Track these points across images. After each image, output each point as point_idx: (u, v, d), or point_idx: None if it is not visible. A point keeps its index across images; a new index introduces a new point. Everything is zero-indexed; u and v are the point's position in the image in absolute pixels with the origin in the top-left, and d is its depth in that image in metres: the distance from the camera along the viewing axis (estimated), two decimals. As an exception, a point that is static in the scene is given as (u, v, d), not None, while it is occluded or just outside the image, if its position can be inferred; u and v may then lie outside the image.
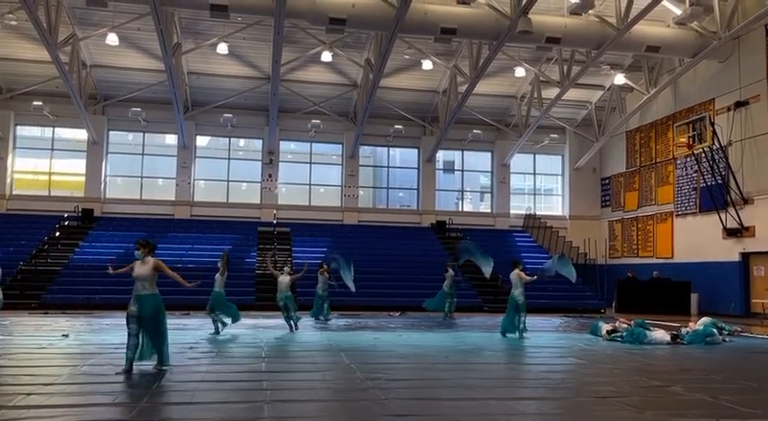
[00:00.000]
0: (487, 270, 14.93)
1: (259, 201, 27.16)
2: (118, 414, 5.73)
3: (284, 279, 13.63)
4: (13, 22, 21.20)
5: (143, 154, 26.91)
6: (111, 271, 8.96)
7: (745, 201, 20.55)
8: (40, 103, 24.35)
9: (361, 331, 13.99)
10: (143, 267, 7.96)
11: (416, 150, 28.67)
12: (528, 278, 13.22)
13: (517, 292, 12.98)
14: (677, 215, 23.87)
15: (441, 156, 29.13)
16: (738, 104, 20.93)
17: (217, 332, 12.64)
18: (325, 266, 17.06)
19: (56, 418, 5.58)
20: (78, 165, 26.25)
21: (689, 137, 20.73)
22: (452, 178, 29.96)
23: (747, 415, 6.05)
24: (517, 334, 12.87)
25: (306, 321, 14.95)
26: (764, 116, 20.05)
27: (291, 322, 13.42)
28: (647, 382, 7.84)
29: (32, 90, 24.15)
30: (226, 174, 27.46)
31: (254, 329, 13.54)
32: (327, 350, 10.47)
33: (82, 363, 8.43)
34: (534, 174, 29.89)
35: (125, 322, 7.82)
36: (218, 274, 13.18)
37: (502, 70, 24.74)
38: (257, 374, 8.14)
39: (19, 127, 25.99)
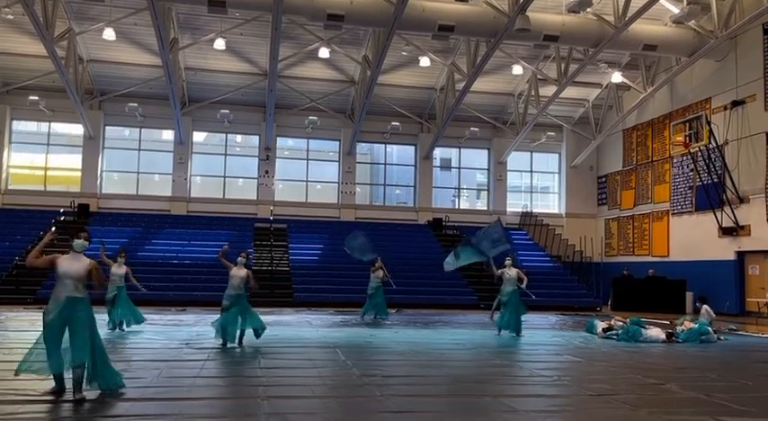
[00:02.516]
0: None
1: (256, 198, 27.12)
2: (114, 408, 5.72)
3: (238, 272, 10.39)
4: (10, 16, 21.08)
5: (139, 149, 26.82)
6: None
7: (741, 200, 20.59)
8: (37, 98, 24.23)
9: (357, 328, 14.01)
10: (77, 263, 6.34)
11: (413, 147, 28.66)
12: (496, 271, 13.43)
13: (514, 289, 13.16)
14: (673, 213, 23.92)
15: (438, 153, 29.11)
16: (735, 103, 20.96)
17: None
18: (378, 264, 16.77)
19: (52, 413, 5.58)
20: (74, 160, 26.16)
21: (685, 135, 20.75)
22: (449, 175, 29.96)
23: (742, 412, 6.08)
24: (514, 331, 12.91)
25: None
26: (761, 115, 20.08)
27: (235, 332, 10.15)
28: (642, 380, 7.87)
29: (28, 84, 24.06)
30: (222, 170, 27.39)
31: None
32: (324, 346, 10.47)
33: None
34: (531, 171, 29.89)
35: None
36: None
37: (499, 68, 24.73)
38: (253, 370, 8.15)
39: (15, 121, 25.87)
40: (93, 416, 5.53)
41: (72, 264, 6.23)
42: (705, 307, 14.49)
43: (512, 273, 13.35)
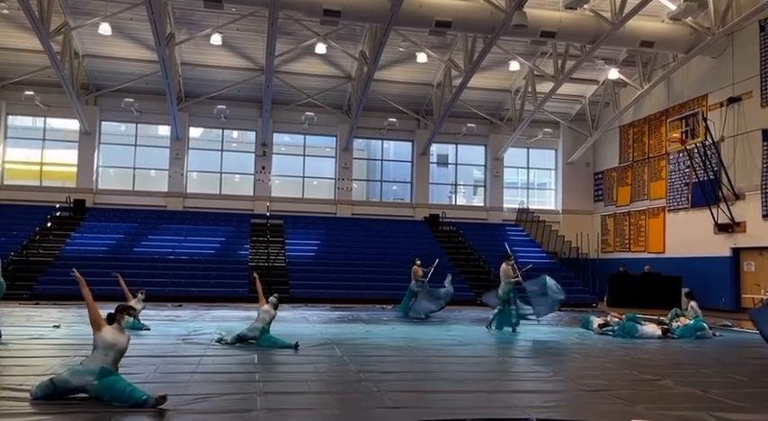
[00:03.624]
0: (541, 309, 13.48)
1: (252, 194, 27.10)
2: (108, 405, 5.71)
3: (270, 311, 10.24)
4: (5, 11, 20.99)
5: (135, 145, 26.76)
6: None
7: (737, 197, 20.65)
8: (32, 93, 24.16)
9: (353, 324, 14.02)
10: (123, 336, 6.12)
11: (410, 143, 28.65)
12: (513, 276, 13.27)
13: (500, 287, 13.18)
14: (669, 210, 23.97)
15: (434, 149, 29.13)
16: (731, 100, 21.00)
17: None
18: (418, 262, 16.67)
19: (47, 409, 5.57)
20: (70, 155, 26.08)
21: (682, 132, 20.78)
22: (446, 172, 29.97)
23: (737, 408, 6.10)
24: (510, 328, 12.96)
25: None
26: (757, 112, 20.12)
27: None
28: (637, 376, 7.90)
29: (24, 79, 23.95)
30: (219, 166, 27.36)
31: (247, 321, 13.49)
32: (320, 342, 10.47)
33: (73, 354, 8.39)
34: (528, 168, 29.94)
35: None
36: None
37: (496, 64, 24.71)
38: (250, 366, 8.14)
39: (10, 116, 25.79)
40: (89, 411, 5.52)
41: (118, 336, 6.01)
42: (692, 303, 14.52)
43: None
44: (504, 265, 13.38)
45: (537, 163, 29.99)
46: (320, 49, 23.05)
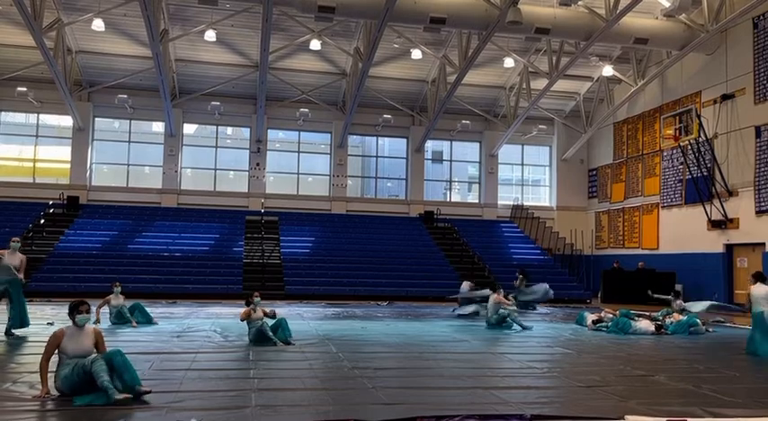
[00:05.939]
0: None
1: (247, 190, 27.06)
2: (108, 405, 5.69)
3: (258, 314, 9.94)
4: (-3, 7, 20.91)
5: (129, 141, 26.67)
6: None
7: (730, 194, 20.73)
8: (25, 89, 24.02)
9: (348, 320, 14.03)
10: (85, 337, 6.01)
11: (405, 140, 28.64)
12: (507, 302, 13.33)
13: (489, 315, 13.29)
14: (663, 206, 24.05)
15: (429, 146, 29.12)
16: (725, 97, 21.06)
17: None
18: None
19: (45, 407, 5.56)
20: (63, 152, 25.98)
21: (675, 129, 20.84)
22: (441, 168, 29.99)
23: (729, 403, 6.14)
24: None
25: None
26: (750, 109, 20.19)
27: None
28: (631, 371, 7.94)
29: (17, 75, 23.83)
30: (213, 163, 27.30)
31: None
32: (315, 339, 10.48)
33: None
34: (522, 164, 29.98)
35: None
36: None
37: (491, 60, 24.73)
38: (244, 363, 8.15)
39: (3, 113, 25.65)
40: (85, 408, 5.50)
41: (76, 341, 5.98)
42: (678, 301, 14.63)
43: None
44: (495, 295, 13.37)
45: (531, 159, 30.04)
46: (315, 45, 23.01)
